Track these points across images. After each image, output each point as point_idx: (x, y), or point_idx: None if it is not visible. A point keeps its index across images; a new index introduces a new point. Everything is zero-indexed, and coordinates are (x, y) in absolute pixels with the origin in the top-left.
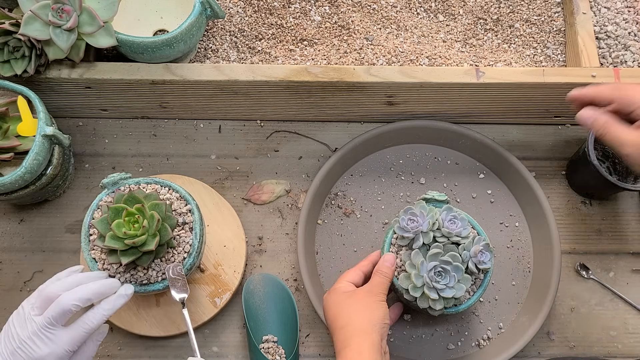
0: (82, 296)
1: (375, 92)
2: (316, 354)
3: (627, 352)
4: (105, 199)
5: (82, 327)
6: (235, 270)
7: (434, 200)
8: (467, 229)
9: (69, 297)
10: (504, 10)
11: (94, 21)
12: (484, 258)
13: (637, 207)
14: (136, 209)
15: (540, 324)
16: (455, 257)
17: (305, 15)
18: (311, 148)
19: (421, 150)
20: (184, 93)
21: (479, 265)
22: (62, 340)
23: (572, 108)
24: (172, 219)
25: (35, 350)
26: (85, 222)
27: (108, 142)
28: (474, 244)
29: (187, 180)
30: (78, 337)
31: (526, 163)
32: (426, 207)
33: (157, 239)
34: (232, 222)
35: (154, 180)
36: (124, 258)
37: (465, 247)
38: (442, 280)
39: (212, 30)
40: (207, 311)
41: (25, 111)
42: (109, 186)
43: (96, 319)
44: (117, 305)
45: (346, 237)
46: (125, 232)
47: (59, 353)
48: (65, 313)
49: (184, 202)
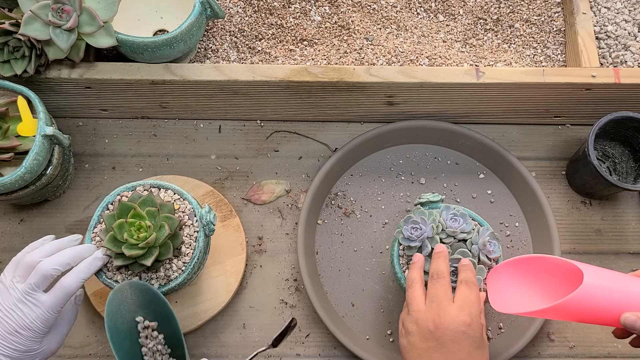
0: (62, 261)
1: (375, 92)
2: (316, 354)
3: (627, 352)
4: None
5: (62, 290)
6: (235, 271)
7: (429, 202)
8: (469, 224)
9: (49, 263)
10: (504, 10)
11: (94, 21)
12: (492, 247)
13: (637, 207)
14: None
15: (540, 324)
16: (465, 253)
17: (305, 15)
18: (311, 148)
19: (421, 150)
20: (184, 93)
21: (489, 256)
22: (45, 305)
23: (572, 108)
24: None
25: (21, 316)
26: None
27: (108, 142)
28: (480, 236)
29: (188, 180)
30: (59, 300)
31: (526, 163)
32: (425, 212)
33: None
34: (232, 222)
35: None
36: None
37: (473, 241)
38: None
39: (212, 30)
40: (207, 311)
41: (25, 111)
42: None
43: (74, 282)
44: (92, 268)
45: (346, 237)
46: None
47: (45, 317)
48: (46, 278)
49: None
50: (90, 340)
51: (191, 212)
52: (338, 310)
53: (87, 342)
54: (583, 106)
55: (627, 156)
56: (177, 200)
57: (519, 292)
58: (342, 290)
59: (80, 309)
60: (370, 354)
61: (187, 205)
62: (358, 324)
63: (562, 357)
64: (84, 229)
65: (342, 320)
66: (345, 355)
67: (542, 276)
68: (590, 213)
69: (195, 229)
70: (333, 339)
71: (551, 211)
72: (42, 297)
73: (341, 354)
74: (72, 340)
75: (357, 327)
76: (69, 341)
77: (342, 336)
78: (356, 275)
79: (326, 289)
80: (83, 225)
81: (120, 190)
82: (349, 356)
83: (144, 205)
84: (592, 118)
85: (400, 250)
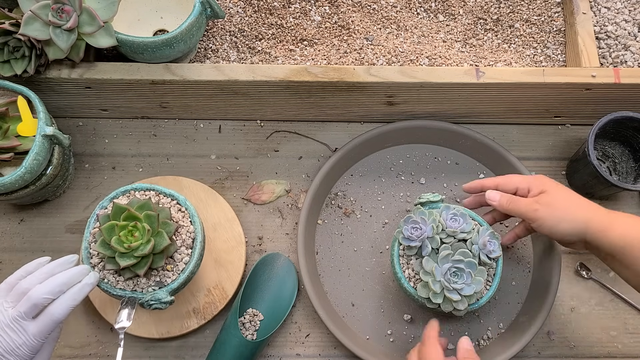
0: (53, 289)
1: (375, 92)
2: (316, 354)
3: (627, 352)
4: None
5: (49, 318)
6: (235, 270)
7: (429, 202)
8: (469, 223)
9: (40, 291)
10: (504, 10)
11: (94, 21)
12: (492, 247)
13: (637, 207)
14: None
15: (540, 324)
16: (465, 253)
17: (305, 15)
18: (311, 148)
19: (421, 150)
20: (184, 93)
21: (490, 255)
22: (32, 332)
23: (572, 108)
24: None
25: (8, 341)
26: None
27: (108, 142)
28: (480, 236)
29: (187, 180)
30: (46, 328)
31: (526, 163)
32: (425, 212)
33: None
34: (232, 222)
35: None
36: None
37: (473, 241)
38: (459, 279)
39: (212, 30)
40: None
41: (25, 111)
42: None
43: (62, 310)
44: (82, 294)
45: (346, 237)
46: (129, 246)
47: (31, 344)
48: (36, 307)
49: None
50: (90, 340)
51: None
52: (338, 310)
53: (87, 342)
54: (583, 106)
55: (627, 156)
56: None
57: None
58: (342, 290)
59: (81, 310)
60: (370, 354)
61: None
62: (358, 324)
63: (562, 357)
64: (83, 229)
65: (342, 320)
66: (345, 355)
67: None
68: None
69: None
70: (333, 339)
71: None
72: (29, 325)
73: (341, 354)
74: (72, 340)
75: (357, 327)
76: (69, 341)
77: (342, 336)
78: (356, 275)
79: (326, 289)
80: (83, 225)
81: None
82: (349, 356)
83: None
84: (592, 118)
85: (400, 250)
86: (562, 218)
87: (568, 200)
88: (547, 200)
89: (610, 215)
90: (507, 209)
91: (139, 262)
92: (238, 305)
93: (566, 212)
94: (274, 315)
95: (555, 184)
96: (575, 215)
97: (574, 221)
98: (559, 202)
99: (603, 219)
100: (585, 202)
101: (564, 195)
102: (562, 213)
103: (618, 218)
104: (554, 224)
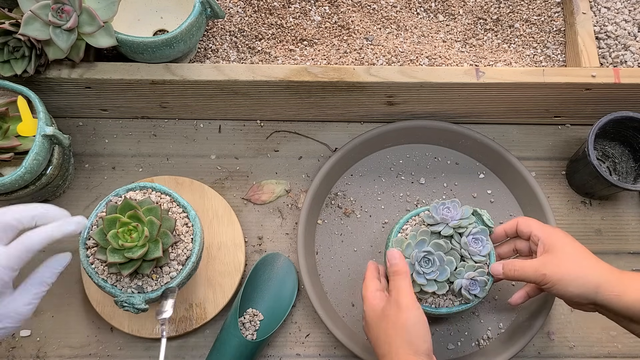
0: (26, 213)
1: (375, 92)
2: (316, 354)
3: (627, 352)
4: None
5: (21, 244)
6: (235, 271)
7: (481, 218)
8: (486, 248)
9: (10, 212)
10: (504, 10)
11: (94, 21)
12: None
13: (637, 207)
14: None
15: (540, 324)
16: (438, 245)
17: (305, 15)
18: (311, 148)
19: (421, 150)
20: (184, 93)
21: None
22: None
23: (572, 108)
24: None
25: None
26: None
27: (108, 142)
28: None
29: (187, 181)
30: (15, 253)
31: (526, 163)
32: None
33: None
34: (232, 222)
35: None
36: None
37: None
38: (429, 266)
39: (212, 30)
40: (207, 311)
41: (25, 111)
42: None
43: (37, 238)
44: (63, 229)
45: (346, 237)
46: (123, 245)
47: None
48: (5, 228)
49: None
50: (90, 340)
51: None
52: (338, 310)
53: (87, 342)
54: (583, 106)
55: (627, 156)
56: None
57: None
58: (342, 290)
59: (80, 310)
60: (370, 354)
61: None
62: (358, 324)
63: (562, 357)
64: None
65: (342, 320)
66: (345, 355)
67: None
68: (590, 213)
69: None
70: (333, 339)
71: (551, 211)
72: None
73: (341, 354)
74: (72, 340)
75: (357, 327)
76: (69, 341)
77: (342, 336)
78: (356, 275)
79: (326, 289)
80: None
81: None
82: (349, 356)
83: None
84: (592, 118)
85: (411, 219)
86: (569, 282)
87: (576, 263)
88: (555, 263)
89: (622, 278)
90: (514, 277)
91: (127, 263)
92: (238, 305)
93: (576, 276)
94: (274, 315)
95: (563, 243)
96: (585, 280)
97: (584, 286)
98: (567, 265)
99: (615, 284)
100: (595, 261)
101: (572, 256)
102: (571, 277)
103: (632, 281)
104: (562, 287)
